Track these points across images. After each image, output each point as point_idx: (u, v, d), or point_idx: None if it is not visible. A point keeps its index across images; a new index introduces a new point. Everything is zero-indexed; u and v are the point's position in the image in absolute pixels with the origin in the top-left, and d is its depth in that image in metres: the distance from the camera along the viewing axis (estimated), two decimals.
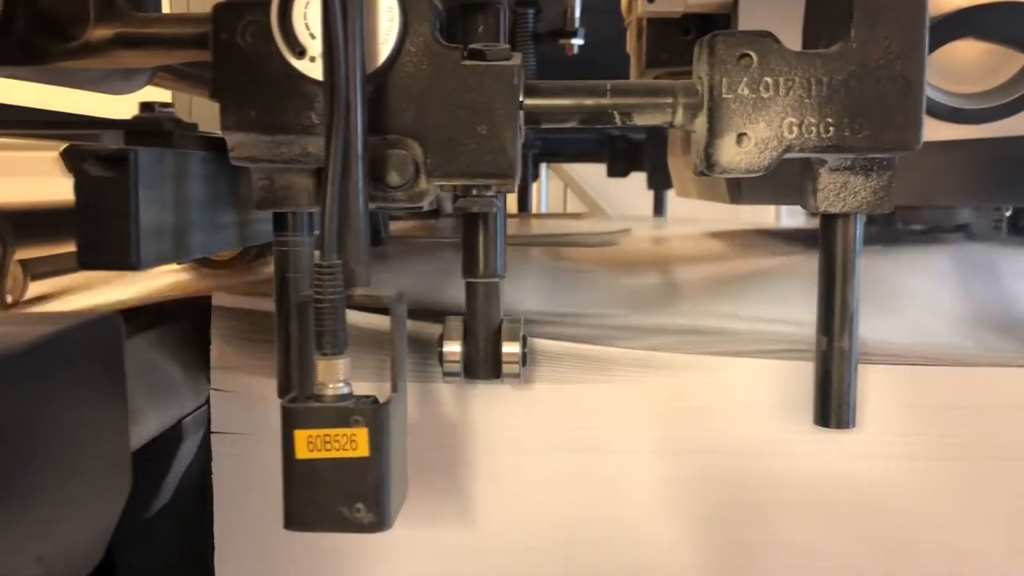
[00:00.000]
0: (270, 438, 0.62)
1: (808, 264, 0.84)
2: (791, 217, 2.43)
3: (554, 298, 0.67)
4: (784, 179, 0.79)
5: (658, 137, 1.63)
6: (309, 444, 0.46)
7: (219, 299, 0.62)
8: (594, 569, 0.62)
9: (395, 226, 1.27)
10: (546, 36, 1.14)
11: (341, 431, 0.46)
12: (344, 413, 0.46)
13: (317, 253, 0.59)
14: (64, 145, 0.79)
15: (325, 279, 0.47)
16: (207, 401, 0.62)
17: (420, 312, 0.63)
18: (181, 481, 0.62)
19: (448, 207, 1.43)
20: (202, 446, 0.63)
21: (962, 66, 0.86)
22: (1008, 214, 1.33)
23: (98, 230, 0.45)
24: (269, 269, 0.80)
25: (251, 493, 0.63)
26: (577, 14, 1.17)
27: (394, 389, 0.49)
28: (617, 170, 1.70)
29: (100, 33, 0.54)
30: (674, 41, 0.99)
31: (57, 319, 0.44)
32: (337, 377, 0.47)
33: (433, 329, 0.61)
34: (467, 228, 0.59)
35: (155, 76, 0.81)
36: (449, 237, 1.15)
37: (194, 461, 0.62)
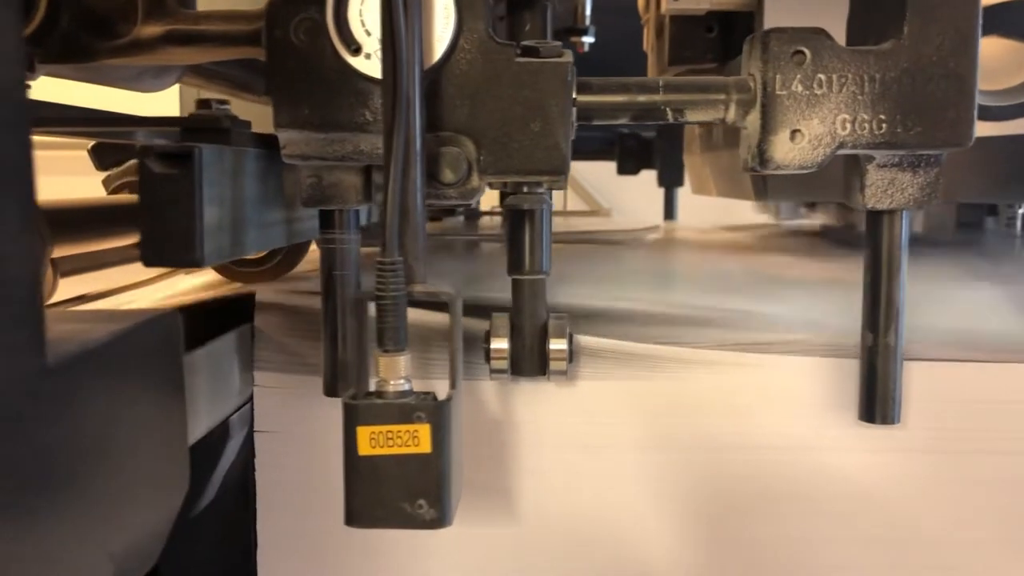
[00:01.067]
0: (314, 435, 0.63)
1: (843, 262, 0.85)
2: (791, 215, 2.44)
3: (596, 293, 0.68)
4: (810, 175, 0.79)
5: (668, 135, 1.63)
6: (372, 440, 0.46)
7: (263, 296, 0.63)
8: (639, 564, 0.63)
9: None
10: (557, 34, 1.14)
11: (404, 427, 0.46)
12: (407, 410, 0.46)
13: (363, 250, 0.59)
14: (92, 143, 0.78)
15: (387, 276, 0.47)
16: (250, 399, 0.63)
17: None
18: (224, 478, 0.62)
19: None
20: (245, 443, 0.63)
21: (986, 63, 0.87)
22: (1022, 211, 1.34)
23: (162, 227, 0.45)
24: (298, 270, 0.80)
25: (294, 490, 0.63)
26: (588, 12, 1.18)
27: (452, 385, 0.49)
28: (627, 168, 1.70)
29: (150, 30, 0.54)
30: (697, 38, 0.99)
31: (122, 316, 0.44)
32: (398, 374, 0.48)
33: (473, 325, 0.62)
34: (513, 225, 0.59)
35: (184, 74, 0.81)
36: (468, 234, 1.15)
37: (237, 458, 0.63)
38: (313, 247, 0.88)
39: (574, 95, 0.52)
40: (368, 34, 0.50)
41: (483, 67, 0.51)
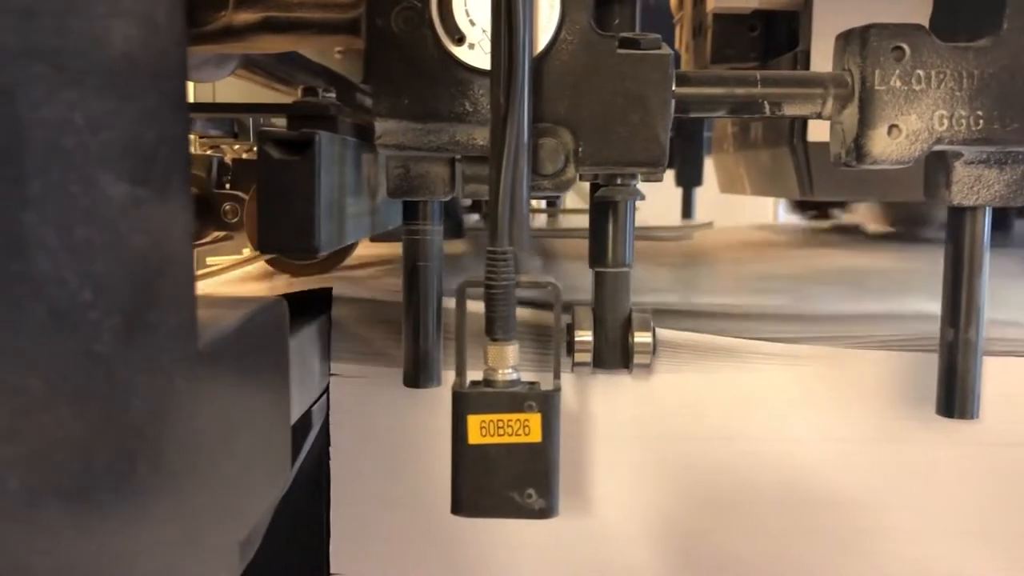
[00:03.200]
0: (388, 426, 0.63)
1: (906, 260, 0.86)
2: (788, 214, 2.46)
3: (670, 288, 0.68)
4: (857, 173, 0.79)
5: (687, 135, 1.63)
6: (482, 429, 0.46)
7: (340, 289, 0.62)
8: (714, 556, 0.63)
9: None
10: None
11: (515, 416, 0.46)
12: (518, 399, 0.47)
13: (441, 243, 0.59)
14: None
15: (499, 265, 0.47)
16: (326, 390, 0.62)
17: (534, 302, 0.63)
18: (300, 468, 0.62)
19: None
20: (320, 434, 0.62)
21: None
22: None
23: (280, 214, 0.45)
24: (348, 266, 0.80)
25: (368, 480, 0.63)
26: None
27: (556, 375, 0.50)
28: None
29: (245, 17, 0.53)
30: (740, 37, 1.00)
31: (236, 303, 0.44)
32: (507, 363, 0.48)
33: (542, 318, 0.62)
34: (596, 217, 0.59)
35: (241, 65, 0.81)
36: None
37: (311, 448, 0.62)
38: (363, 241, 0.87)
39: (673, 87, 0.52)
40: (472, 24, 0.50)
41: (584, 58, 0.51)
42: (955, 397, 0.59)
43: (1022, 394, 0.62)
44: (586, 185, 0.61)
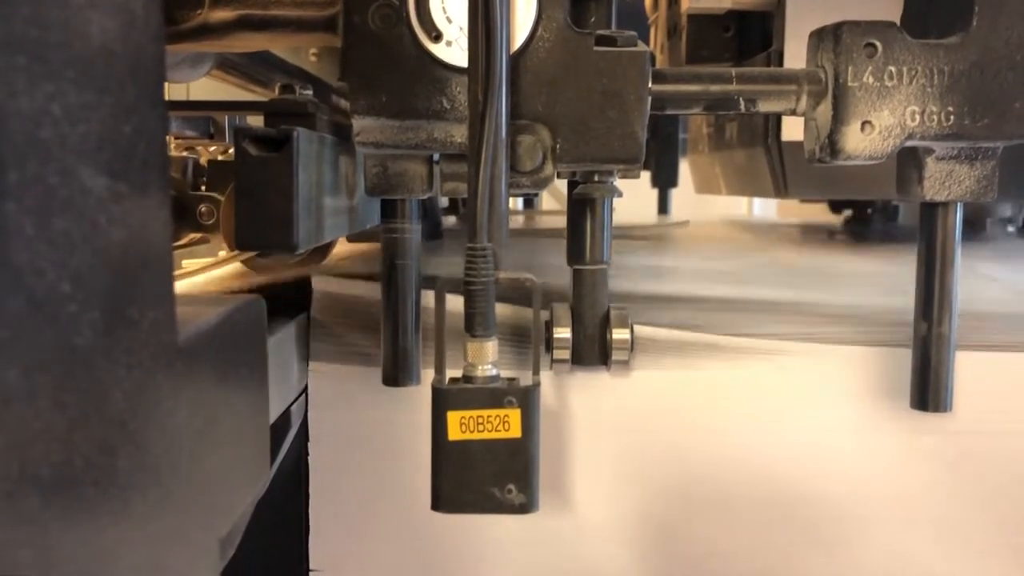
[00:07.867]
0: (368, 424, 0.63)
1: (887, 256, 0.87)
2: (763, 210, 2.48)
3: (647, 284, 0.68)
4: (830, 172, 0.80)
5: (663, 137, 1.64)
6: (462, 425, 0.46)
7: (319, 284, 0.62)
8: (694, 551, 0.63)
9: None
10: None
11: (494, 412, 0.46)
12: (498, 394, 0.47)
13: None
14: None
15: (478, 262, 0.47)
16: (305, 390, 0.62)
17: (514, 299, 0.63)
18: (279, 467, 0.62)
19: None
20: (299, 433, 0.62)
21: None
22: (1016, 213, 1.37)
23: (258, 211, 0.44)
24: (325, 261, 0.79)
25: (347, 478, 0.63)
26: None
27: (535, 371, 0.50)
28: None
29: (221, 15, 0.53)
30: (714, 38, 1.01)
31: (215, 301, 0.43)
32: (487, 359, 0.48)
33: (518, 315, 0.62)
34: (574, 215, 0.59)
35: (216, 65, 0.80)
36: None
37: (291, 447, 0.62)
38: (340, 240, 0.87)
39: (649, 84, 0.52)
40: (449, 21, 0.50)
41: (561, 55, 0.51)
42: (928, 391, 0.59)
43: (994, 386, 0.63)
44: (562, 186, 0.62)
